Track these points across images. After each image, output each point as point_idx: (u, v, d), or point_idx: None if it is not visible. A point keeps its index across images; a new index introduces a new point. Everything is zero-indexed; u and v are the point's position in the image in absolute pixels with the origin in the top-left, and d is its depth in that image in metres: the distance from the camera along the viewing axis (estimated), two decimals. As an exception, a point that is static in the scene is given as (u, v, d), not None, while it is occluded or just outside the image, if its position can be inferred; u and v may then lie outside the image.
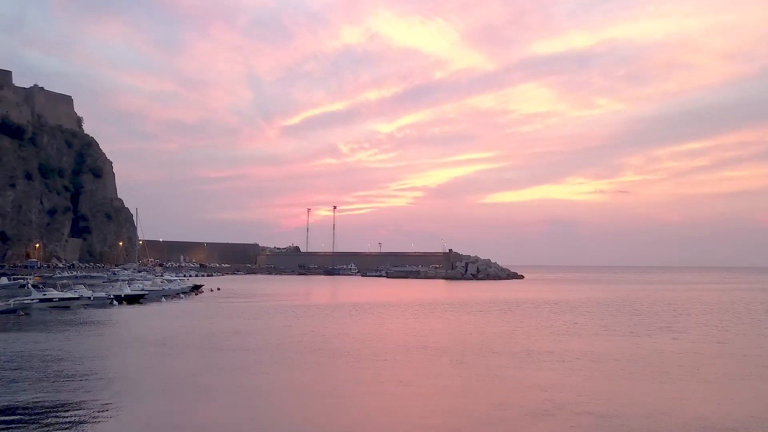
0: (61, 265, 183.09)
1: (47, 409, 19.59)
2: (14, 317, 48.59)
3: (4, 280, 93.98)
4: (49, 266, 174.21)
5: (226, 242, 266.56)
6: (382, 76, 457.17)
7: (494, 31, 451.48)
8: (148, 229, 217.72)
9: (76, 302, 57.65)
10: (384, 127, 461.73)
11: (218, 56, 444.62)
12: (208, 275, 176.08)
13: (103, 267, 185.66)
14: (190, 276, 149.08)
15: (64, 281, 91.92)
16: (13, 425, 17.58)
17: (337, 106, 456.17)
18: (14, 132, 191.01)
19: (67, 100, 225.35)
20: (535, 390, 22.86)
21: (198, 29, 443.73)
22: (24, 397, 21.16)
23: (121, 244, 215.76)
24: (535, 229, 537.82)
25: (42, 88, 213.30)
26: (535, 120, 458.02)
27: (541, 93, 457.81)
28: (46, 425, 17.69)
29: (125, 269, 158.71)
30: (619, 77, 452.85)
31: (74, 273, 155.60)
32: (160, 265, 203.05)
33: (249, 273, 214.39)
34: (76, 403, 20.33)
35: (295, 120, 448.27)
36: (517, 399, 21.42)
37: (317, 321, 48.66)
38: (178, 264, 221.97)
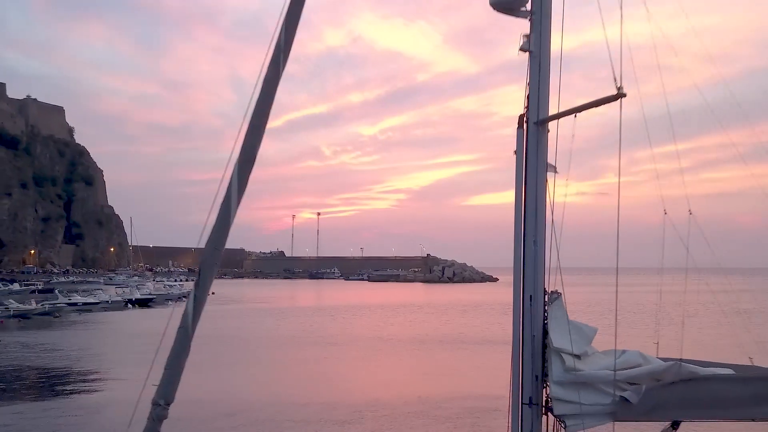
0: (56, 270, 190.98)
1: (93, 370, 31.19)
2: (49, 318, 58.00)
3: (16, 286, 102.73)
4: (45, 272, 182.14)
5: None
6: (365, 79, 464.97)
7: (476, 33, 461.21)
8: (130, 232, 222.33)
9: (97, 305, 67.30)
10: (367, 130, 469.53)
11: (200, 58, 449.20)
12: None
13: (96, 272, 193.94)
14: (180, 280, 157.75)
15: (85, 287, 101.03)
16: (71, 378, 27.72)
17: (320, 108, 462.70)
18: (9, 142, 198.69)
19: (59, 111, 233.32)
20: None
21: (180, 31, 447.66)
22: (77, 365, 32.37)
23: (112, 249, 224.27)
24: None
25: (35, 99, 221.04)
26: (517, 122, 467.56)
27: (523, 95, 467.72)
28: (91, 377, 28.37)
29: (119, 275, 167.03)
30: (600, 79, 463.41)
31: (71, 278, 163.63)
32: (150, 270, 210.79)
33: (236, 277, 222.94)
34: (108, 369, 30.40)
35: (278, 122, 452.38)
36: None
37: (299, 321, 58.33)
38: (167, 269, 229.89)
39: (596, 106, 6.86)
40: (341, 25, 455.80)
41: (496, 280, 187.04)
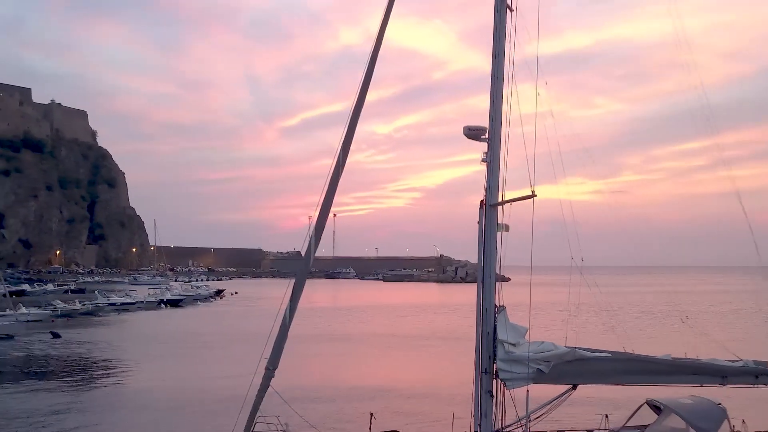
0: (81, 270, 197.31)
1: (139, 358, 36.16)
2: (93, 317, 63.58)
3: (50, 287, 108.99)
4: (71, 272, 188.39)
5: (231, 247, 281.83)
6: (381, 77, 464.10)
7: (490, 32, 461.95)
8: (151, 232, 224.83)
9: (134, 305, 73.02)
10: (382, 128, 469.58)
11: (217, 57, 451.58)
12: (217, 279, 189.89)
13: (119, 272, 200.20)
14: (202, 280, 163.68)
15: (120, 287, 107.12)
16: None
17: (336, 107, 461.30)
18: (35, 146, 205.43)
19: (82, 115, 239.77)
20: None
21: (197, 30, 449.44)
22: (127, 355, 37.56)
23: (134, 250, 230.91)
24: (534, 230, 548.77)
25: (59, 104, 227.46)
26: (530, 120, 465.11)
27: (535, 94, 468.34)
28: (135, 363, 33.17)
29: (143, 275, 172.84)
30: (617, 77, 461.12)
31: (97, 278, 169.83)
32: (171, 270, 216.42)
33: (254, 277, 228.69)
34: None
35: (294, 121, 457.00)
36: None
37: (320, 320, 63.42)
38: (187, 269, 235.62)
39: (518, 200, 12.01)
40: (357, 24, 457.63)
41: (508, 279, 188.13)
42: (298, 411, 13.54)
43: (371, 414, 14.03)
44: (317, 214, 12.82)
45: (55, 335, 46.15)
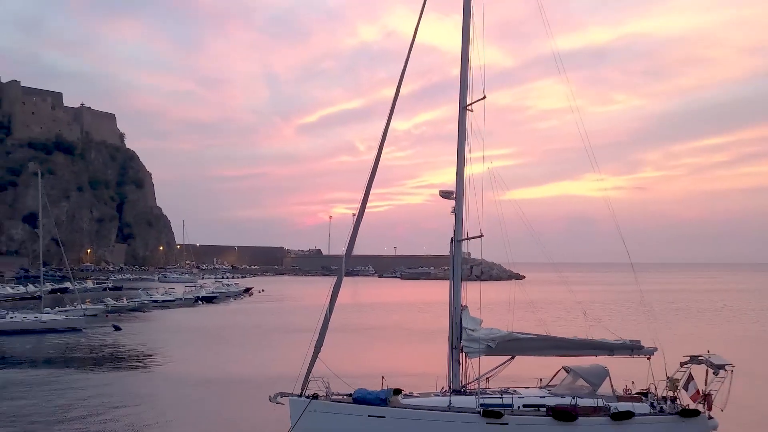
0: (111, 268, 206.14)
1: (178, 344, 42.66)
2: (139, 313, 71.14)
3: (89, 284, 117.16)
4: (101, 270, 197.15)
5: (254, 245, 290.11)
6: (399, 74, 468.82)
7: (512, 27, 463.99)
8: (177, 231, 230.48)
9: (173, 302, 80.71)
10: (401, 125, 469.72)
11: (235, 55, 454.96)
12: (241, 276, 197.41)
13: (147, 270, 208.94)
14: (227, 277, 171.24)
15: (153, 285, 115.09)
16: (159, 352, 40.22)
17: (354, 103, 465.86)
18: (67, 149, 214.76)
19: (110, 118, 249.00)
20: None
21: (215, 28, 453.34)
22: (183, 344, 44.62)
23: (161, 248, 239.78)
24: (553, 227, 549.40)
25: (89, 107, 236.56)
26: (553, 116, 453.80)
27: (559, 89, 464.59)
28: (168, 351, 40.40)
29: (172, 273, 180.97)
30: (637, 73, 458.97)
31: (127, 276, 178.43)
32: (197, 267, 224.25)
33: (276, 274, 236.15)
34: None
35: (312, 118, 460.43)
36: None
37: (342, 315, 70.37)
38: (212, 266, 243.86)
39: (472, 239, 19.02)
40: (375, 21, 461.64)
41: (522, 277, 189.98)
42: (332, 377, 20.52)
43: (382, 377, 21.04)
44: (351, 231, 19.64)
45: (117, 328, 53.63)
